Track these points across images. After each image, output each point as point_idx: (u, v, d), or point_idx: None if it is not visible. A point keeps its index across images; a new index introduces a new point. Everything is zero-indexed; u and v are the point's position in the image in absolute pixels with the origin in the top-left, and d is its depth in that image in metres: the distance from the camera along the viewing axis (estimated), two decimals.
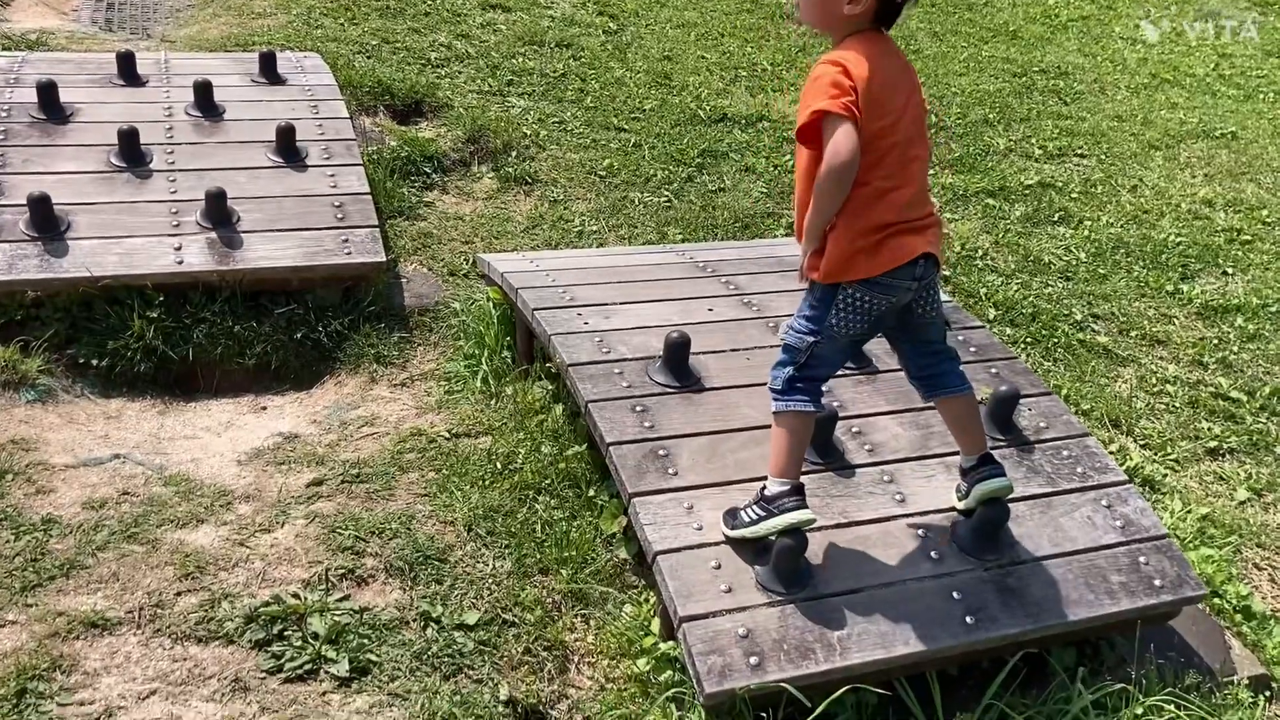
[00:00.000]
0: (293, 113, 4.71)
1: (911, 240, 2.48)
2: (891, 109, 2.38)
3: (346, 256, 4.04)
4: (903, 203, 2.46)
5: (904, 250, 2.46)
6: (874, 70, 2.33)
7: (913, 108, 2.46)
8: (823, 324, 2.51)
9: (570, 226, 4.96)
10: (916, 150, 2.49)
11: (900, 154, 2.43)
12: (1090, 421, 4.06)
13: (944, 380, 2.67)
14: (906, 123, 2.44)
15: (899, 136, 2.41)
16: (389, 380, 3.88)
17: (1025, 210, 5.51)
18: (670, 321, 3.42)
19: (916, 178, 2.49)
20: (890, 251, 2.46)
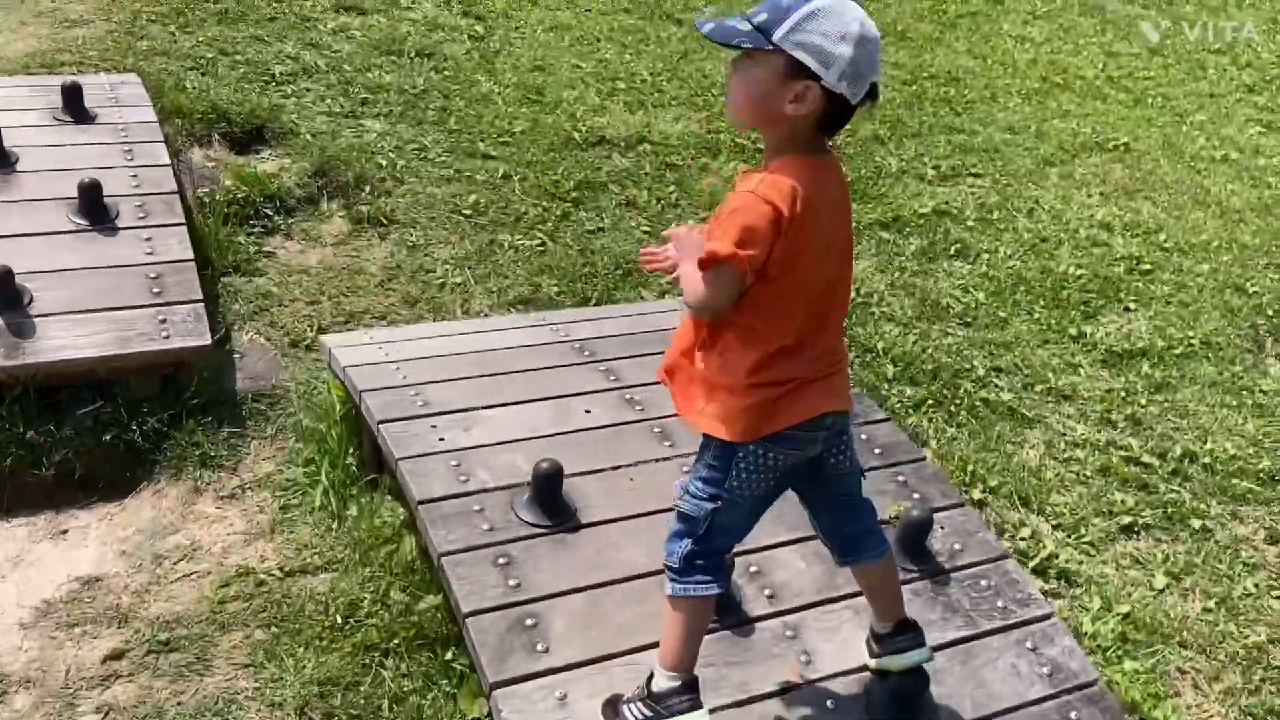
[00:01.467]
0: (103, 159, 4.08)
1: (819, 393, 2.09)
2: (821, 257, 2.01)
3: (165, 341, 3.48)
4: (815, 355, 2.07)
5: (810, 405, 2.08)
6: (809, 209, 1.93)
7: (841, 243, 2.08)
8: (722, 486, 2.13)
9: (432, 278, 4.44)
10: (840, 295, 2.10)
11: (822, 304, 2.05)
12: (999, 500, 3.76)
13: (862, 543, 2.33)
14: (833, 267, 2.05)
15: (822, 286, 2.03)
16: (215, 491, 3.34)
17: (921, 244, 5.19)
18: (541, 432, 2.98)
19: (834, 326, 2.10)
20: (796, 406, 2.07)
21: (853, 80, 1.91)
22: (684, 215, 5.10)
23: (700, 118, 6.06)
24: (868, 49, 1.91)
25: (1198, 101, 7.54)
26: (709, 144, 5.78)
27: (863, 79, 1.93)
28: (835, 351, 2.15)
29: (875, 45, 1.94)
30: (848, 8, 1.92)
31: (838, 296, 2.12)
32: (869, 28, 1.93)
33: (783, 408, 2.06)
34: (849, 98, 1.94)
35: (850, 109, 1.98)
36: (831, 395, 2.12)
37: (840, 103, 1.95)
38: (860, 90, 1.95)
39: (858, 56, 1.90)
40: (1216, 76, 8.12)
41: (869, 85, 1.96)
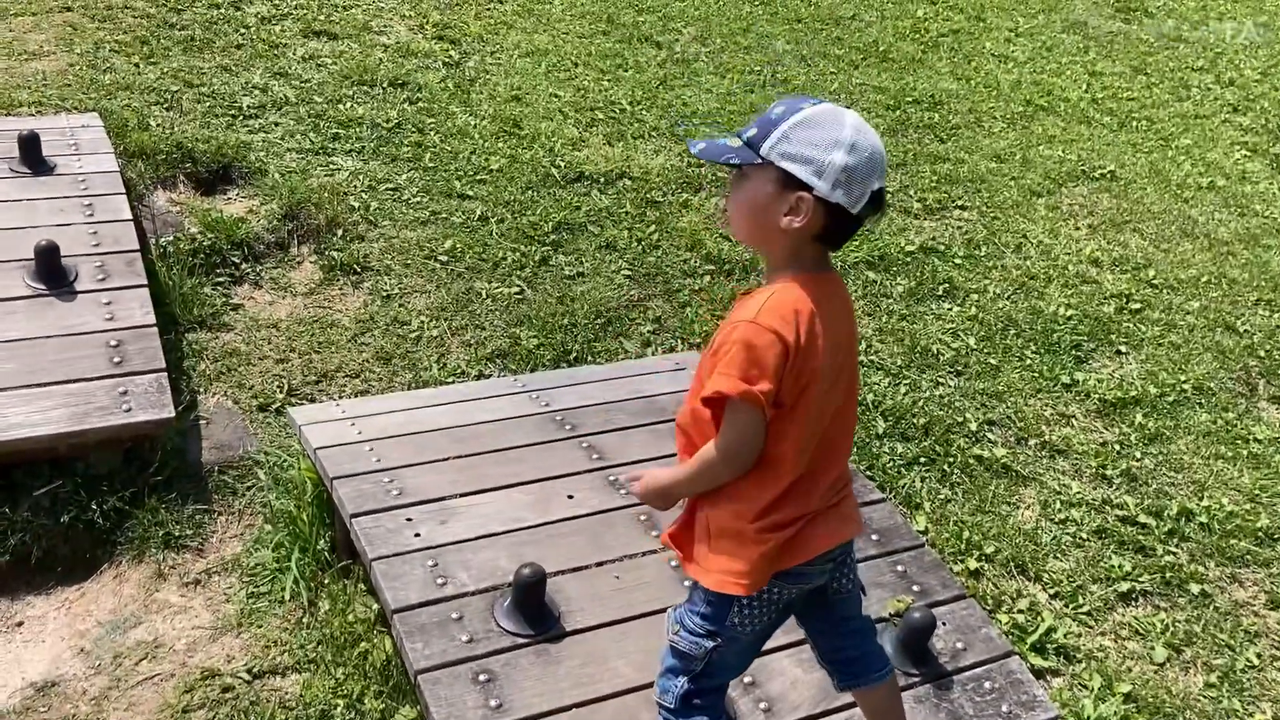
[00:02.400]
0: (61, 215, 3.90)
1: (829, 524, 1.98)
2: (831, 380, 1.89)
3: (126, 415, 3.31)
4: (824, 487, 1.94)
5: (820, 540, 1.98)
6: (813, 333, 1.82)
7: (849, 369, 1.94)
8: (722, 624, 2.01)
9: (407, 331, 4.29)
10: (848, 419, 1.97)
11: (833, 430, 1.93)
12: (995, 568, 3.65)
13: (864, 665, 2.22)
14: (842, 390, 1.94)
15: (832, 411, 1.92)
16: (180, 575, 3.19)
17: (908, 284, 5.08)
18: (522, 523, 2.84)
19: (844, 450, 1.98)
20: (805, 542, 1.95)
21: (848, 188, 1.81)
22: (665, 256, 4.97)
23: (680, 149, 5.92)
24: (863, 155, 1.81)
25: (1182, 124, 7.47)
26: (690, 179, 5.65)
27: (860, 185, 1.82)
28: (844, 476, 2.03)
29: (872, 151, 1.83)
30: (839, 115, 1.83)
31: (847, 420, 1.99)
32: (865, 134, 1.83)
33: (794, 546, 1.94)
34: (847, 207, 1.83)
35: (852, 220, 1.86)
36: (841, 525, 2.01)
37: (839, 213, 1.84)
38: (859, 198, 1.83)
39: (852, 163, 1.80)
40: (1200, 96, 8.05)
41: (870, 193, 1.84)
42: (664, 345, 4.41)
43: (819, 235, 1.87)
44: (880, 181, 1.84)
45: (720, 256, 5.00)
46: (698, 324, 4.56)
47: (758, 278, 4.92)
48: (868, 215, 1.87)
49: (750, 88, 6.88)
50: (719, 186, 5.62)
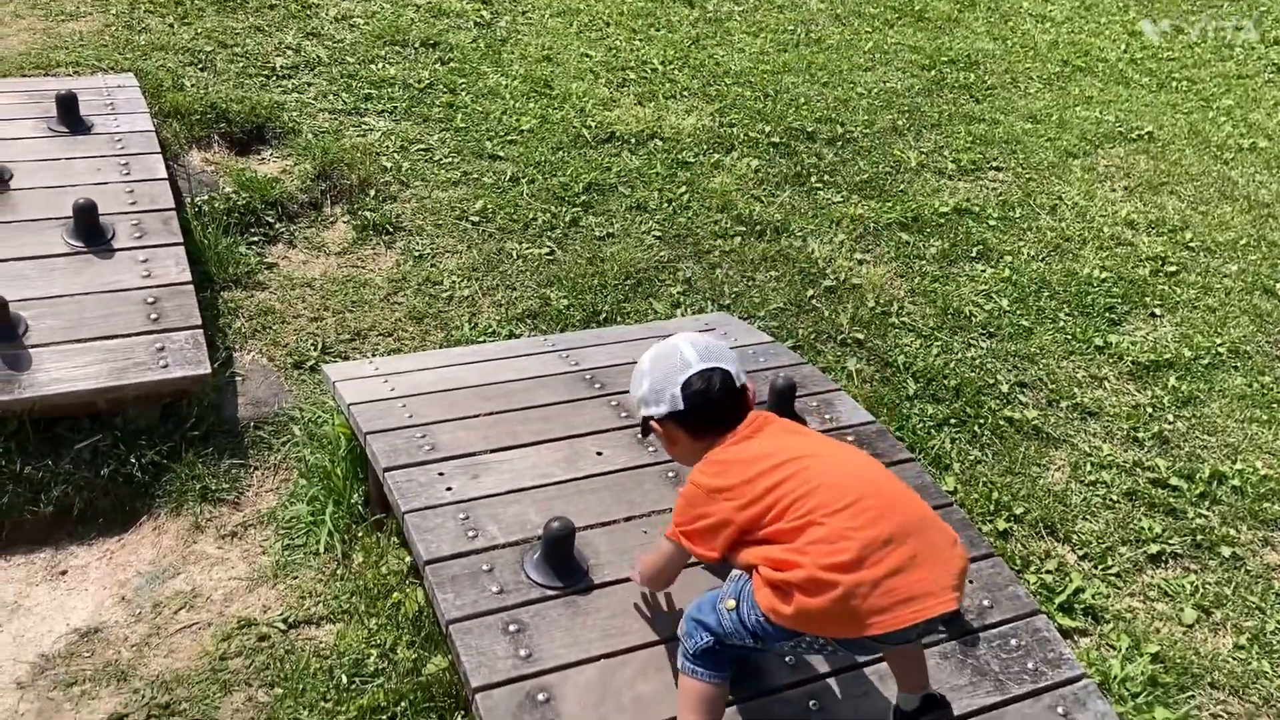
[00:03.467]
0: (98, 174, 3.95)
1: (915, 605, 1.94)
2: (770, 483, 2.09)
3: (163, 370, 3.37)
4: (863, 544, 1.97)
5: (905, 615, 1.93)
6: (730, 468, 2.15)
7: (798, 452, 2.14)
8: (769, 643, 2.14)
9: (439, 291, 4.32)
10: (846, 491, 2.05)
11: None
12: (1024, 528, 3.65)
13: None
14: (802, 470, 2.09)
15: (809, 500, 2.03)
16: (216, 528, 3.25)
17: (941, 246, 5.05)
18: (551, 478, 2.86)
19: (883, 520, 2.00)
20: (891, 606, 1.94)
21: (657, 402, 2.27)
22: (695, 217, 4.96)
23: (712, 110, 5.89)
24: (656, 375, 2.27)
25: (1224, 84, 7.34)
26: (722, 139, 5.62)
27: (663, 392, 2.25)
28: (911, 536, 2.00)
29: (655, 369, 2.28)
30: (644, 360, 2.33)
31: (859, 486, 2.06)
32: (654, 360, 2.30)
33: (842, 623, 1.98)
34: (679, 410, 2.23)
35: (701, 409, 2.23)
36: (934, 598, 1.95)
37: (678, 416, 2.24)
38: (672, 400, 2.24)
39: (650, 386, 2.28)
40: (1244, 55, 7.91)
41: (679, 390, 2.23)
42: (694, 306, 4.41)
43: (692, 433, 2.26)
44: (681, 376, 2.23)
45: (751, 217, 4.98)
46: (727, 285, 4.56)
47: (788, 238, 4.91)
48: (700, 399, 2.22)
49: (784, 47, 6.82)
50: (751, 147, 5.60)
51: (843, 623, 1.95)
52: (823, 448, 2.20)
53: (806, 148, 5.68)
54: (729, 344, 3.63)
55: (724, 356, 2.28)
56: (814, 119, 5.94)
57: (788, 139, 5.71)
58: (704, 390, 2.21)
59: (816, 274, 4.70)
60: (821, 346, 4.32)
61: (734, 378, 2.24)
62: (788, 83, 6.30)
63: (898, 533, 1.98)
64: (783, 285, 4.62)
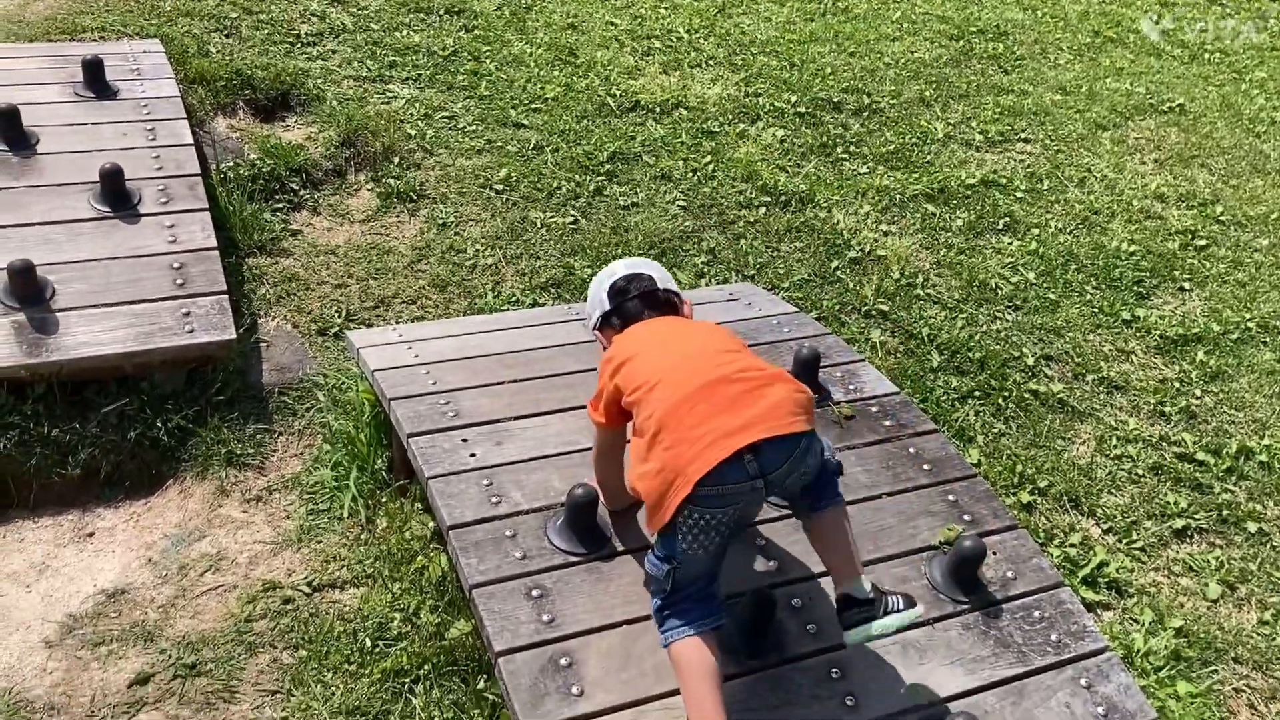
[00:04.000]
0: (124, 139, 3.96)
1: (721, 442, 2.12)
2: (654, 357, 2.31)
3: (188, 335, 3.38)
4: (694, 424, 2.17)
5: (712, 455, 2.11)
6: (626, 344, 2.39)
7: (681, 341, 2.36)
8: (674, 549, 2.23)
9: (462, 259, 4.32)
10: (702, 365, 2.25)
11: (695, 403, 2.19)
12: (1048, 501, 3.64)
13: (813, 497, 2.35)
14: (674, 356, 2.30)
15: (673, 390, 2.21)
16: (242, 492, 3.27)
17: (968, 218, 5.00)
18: (574, 445, 2.86)
19: (724, 405, 2.18)
20: (699, 463, 2.12)
21: (593, 311, 2.57)
22: (720, 187, 4.93)
23: (738, 79, 5.84)
24: (591, 293, 2.59)
25: (1258, 56, 7.23)
26: (747, 109, 5.58)
27: (595, 300, 2.56)
28: (739, 404, 2.17)
29: (598, 277, 2.58)
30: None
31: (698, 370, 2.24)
32: (594, 280, 2.61)
33: (676, 482, 2.14)
34: (607, 310, 2.52)
35: (622, 305, 2.50)
36: (741, 434, 2.12)
37: (612, 314, 2.51)
38: (600, 304, 2.54)
39: (589, 301, 2.60)
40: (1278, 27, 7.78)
41: (606, 293, 2.53)
42: (718, 277, 4.39)
43: (619, 331, 2.49)
44: (607, 283, 2.54)
45: (776, 187, 4.95)
46: (752, 256, 4.53)
47: (813, 209, 4.88)
48: (619, 296, 2.51)
49: (810, 16, 6.76)
50: (776, 117, 5.55)
51: (676, 487, 2.12)
52: (678, 330, 2.42)
53: (833, 118, 5.63)
54: (754, 314, 3.63)
55: (649, 267, 2.56)
56: (840, 89, 5.88)
57: (813, 109, 5.66)
58: (623, 289, 2.49)
59: (841, 245, 4.67)
60: (846, 318, 4.30)
61: (655, 282, 2.51)
62: (814, 52, 6.25)
63: (711, 391, 2.18)
64: (807, 256, 4.60)
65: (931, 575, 2.67)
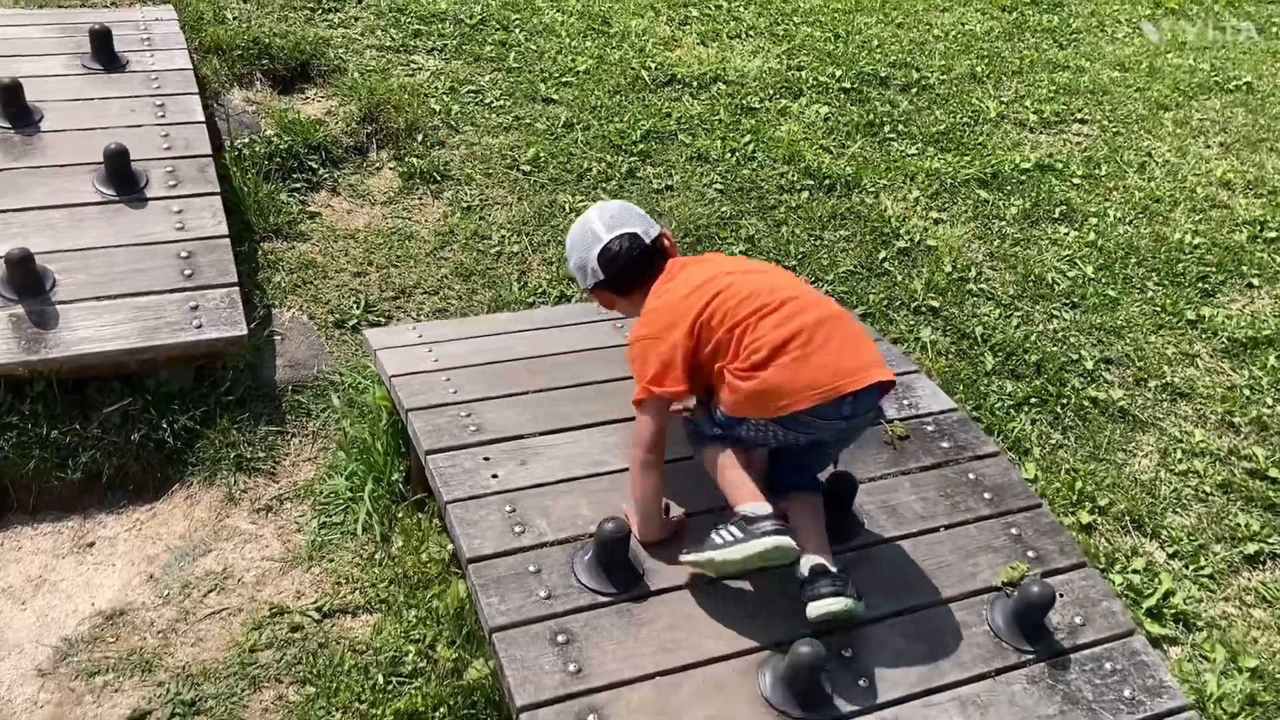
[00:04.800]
0: (132, 116, 3.74)
1: (837, 372, 2.23)
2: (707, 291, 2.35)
3: (197, 331, 3.18)
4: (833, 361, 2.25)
5: (829, 387, 2.21)
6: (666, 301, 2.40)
7: (727, 272, 2.41)
8: (733, 429, 2.37)
9: (488, 246, 4.09)
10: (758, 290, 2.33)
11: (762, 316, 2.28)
12: (1109, 521, 3.39)
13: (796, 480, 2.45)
14: (725, 286, 2.35)
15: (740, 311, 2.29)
16: (251, 500, 3.08)
17: (1023, 205, 4.72)
18: (604, 466, 2.65)
19: (845, 341, 2.29)
20: (810, 386, 2.22)
21: (584, 276, 2.58)
22: (760, 169, 4.67)
23: (780, 52, 5.55)
24: (575, 256, 2.60)
25: None
26: (790, 83, 5.30)
27: (586, 268, 2.55)
28: (842, 337, 2.28)
29: (580, 240, 2.58)
30: (568, 238, 2.68)
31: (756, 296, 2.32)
32: (571, 236, 2.64)
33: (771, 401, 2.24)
34: (600, 279, 2.53)
35: (617, 272, 2.52)
36: (855, 374, 2.23)
37: (608, 283, 2.54)
38: (594, 273, 2.53)
39: (575, 264, 2.61)
40: None
41: (597, 263, 2.52)
42: None
43: (621, 290, 2.55)
44: (595, 250, 2.52)
45: (820, 170, 4.68)
46: (794, 244, 4.28)
47: (859, 194, 4.62)
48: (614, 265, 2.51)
49: None
50: (820, 93, 5.27)
51: (771, 406, 2.23)
52: (738, 265, 2.51)
53: (879, 94, 5.34)
54: None
55: (630, 220, 2.54)
56: (887, 63, 5.58)
57: (859, 84, 5.37)
58: (615, 256, 2.49)
59: (889, 234, 4.41)
60: (894, 314, 4.05)
61: (643, 237, 2.51)
62: (860, 23, 5.94)
63: (819, 322, 2.26)
64: (852, 246, 4.34)
65: (993, 621, 2.44)
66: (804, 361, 2.21)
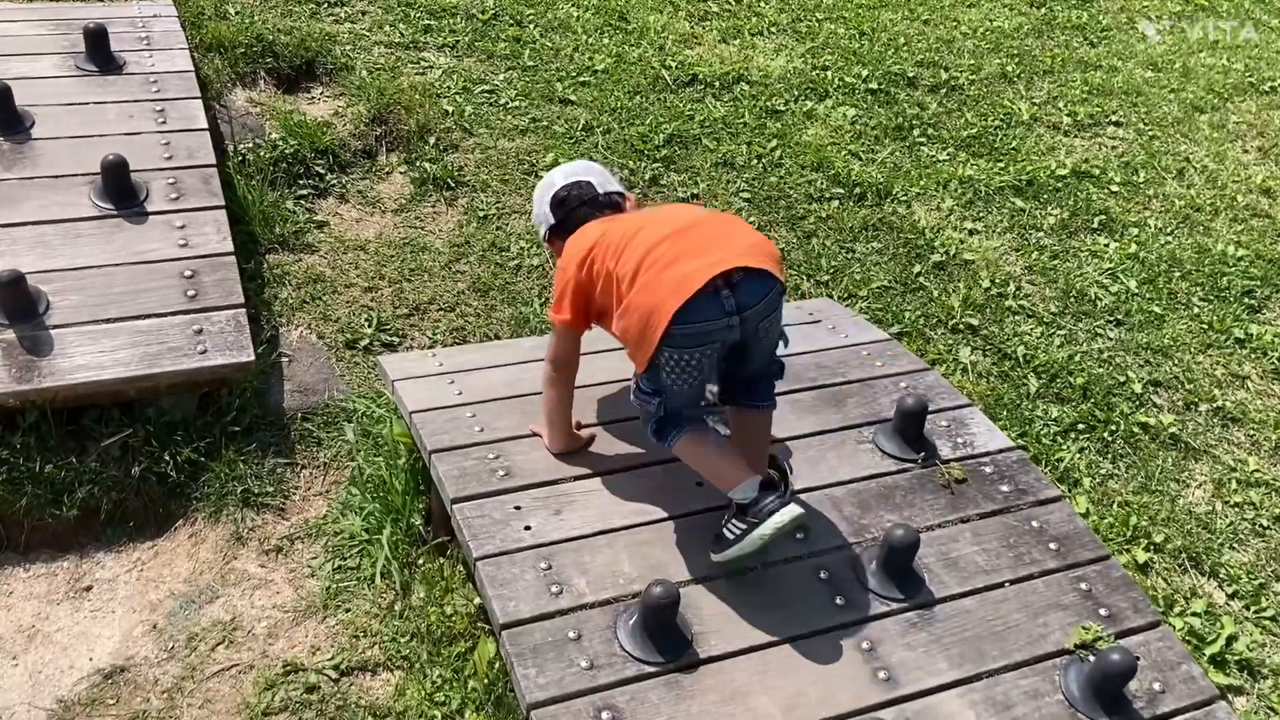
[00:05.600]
0: (130, 122, 3.52)
1: (690, 273, 2.14)
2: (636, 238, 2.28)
3: (201, 357, 2.97)
4: (687, 263, 2.17)
5: (682, 288, 2.13)
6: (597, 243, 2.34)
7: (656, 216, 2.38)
8: (659, 384, 2.30)
9: (506, 258, 3.88)
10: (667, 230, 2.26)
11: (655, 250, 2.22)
12: (1165, 559, 3.22)
13: (750, 394, 2.43)
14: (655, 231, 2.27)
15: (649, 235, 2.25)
16: (260, 541, 2.88)
17: (1060, 215, 4.52)
18: (647, 515, 2.45)
19: (700, 244, 2.22)
20: (675, 297, 2.14)
21: (540, 224, 2.61)
22: (788, 176, 4.47)
23: (804, 50, 5.34)
24: (535, 206, 2.64)
25: None
26: (814, 83, 5.09)
27: (541, 214, 2.59)
28: (705, 241, 2.22)
29: (540, 190, 2.61)
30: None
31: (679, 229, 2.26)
32: (536, 191, 2.65)
33: (665, 301, 2.15)
34: (551, 222, 2.56)
35: (565, 215, 2.53)
36: (706, 266, 2.14)
37: (558, 226, 2.54)
38: (546, 217, 2.57)
39: (534, 215, 2.66)
40: None
41: (549, 206, 2.55)
42: (788, 284, 3.94)
43: (563, 233, 2.50)
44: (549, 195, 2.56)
45: (850, 178, 4.48)
46: (825, 258, 4.08)
47: (891, 203, 4.41)
48: (562, 207, 2.53)
49: None
50: (847, 94, 5.06)
51: (651, 325, 2.15)
52: (673, 211, 2.43)
53: (907, 95, 5.13)
54: (840, 341, 3.20)
55: (588, 174, 2.56)
56: (915, 62, 5.37)
57: (886, 85, 5.16)
58: (564, 201, 2.51)
59: (923, 246, 4.21)
60: (931, 333, 3.86)
61: (595, 187, 2.52)
62: (885, 19, 5.72)
63: (682, 230, 2.22)
64: (885, 259, 4.14)
65: (1068, 689, 2.26)
66: (663, 269, 2.17)
